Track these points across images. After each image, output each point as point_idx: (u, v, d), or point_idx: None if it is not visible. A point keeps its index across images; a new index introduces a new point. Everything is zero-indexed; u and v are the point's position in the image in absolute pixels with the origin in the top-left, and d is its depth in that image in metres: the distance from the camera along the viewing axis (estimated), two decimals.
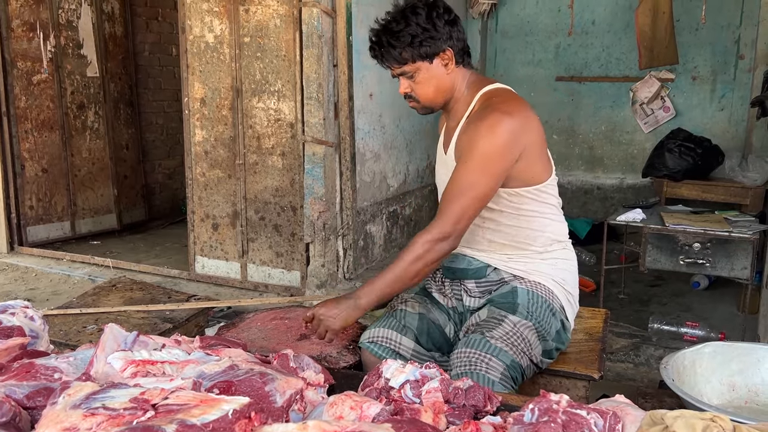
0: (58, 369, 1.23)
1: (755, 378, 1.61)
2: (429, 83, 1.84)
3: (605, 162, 5.69)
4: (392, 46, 1.79)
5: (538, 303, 1.83)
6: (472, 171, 1.74)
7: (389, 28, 1.80)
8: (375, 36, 1.83)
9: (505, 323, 1.76)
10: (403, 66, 1.82)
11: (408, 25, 1.77)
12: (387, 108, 4.45)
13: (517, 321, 1.77)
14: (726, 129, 5.17)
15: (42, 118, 5.01)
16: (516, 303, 1.82)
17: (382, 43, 1.81)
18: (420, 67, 1.81)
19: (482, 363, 1.65)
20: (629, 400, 1.22)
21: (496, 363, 1.66)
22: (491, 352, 1.67)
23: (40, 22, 4.90)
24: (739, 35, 5.03)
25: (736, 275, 3.37)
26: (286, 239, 4.00)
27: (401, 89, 1.87)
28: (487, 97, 1.85)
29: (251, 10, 3.83)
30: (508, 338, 1.72)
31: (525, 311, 1.80)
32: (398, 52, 1.79)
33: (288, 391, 1.16)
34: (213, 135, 4.08)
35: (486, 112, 1.78)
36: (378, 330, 1.88)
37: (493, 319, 1.78)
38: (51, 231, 5.15)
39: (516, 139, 1.75)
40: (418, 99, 1.88)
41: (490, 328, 1.74)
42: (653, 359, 3.12)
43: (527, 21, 5.73)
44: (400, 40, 1.78)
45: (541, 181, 1.86)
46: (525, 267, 1.88)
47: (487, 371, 1.64)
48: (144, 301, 2.73)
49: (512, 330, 1.74)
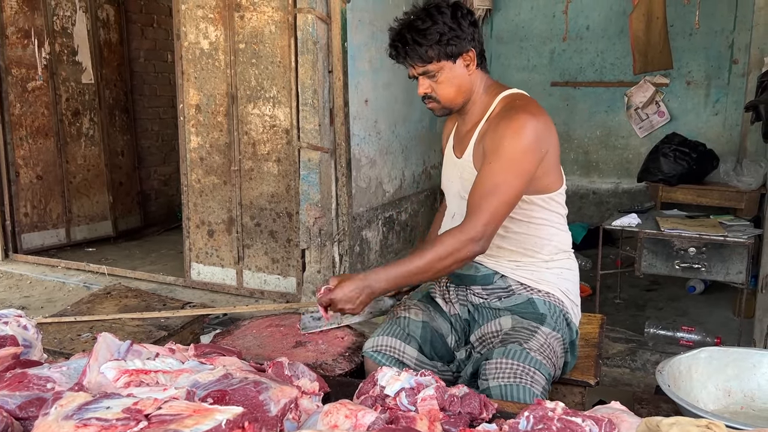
0: (50, 379, 1.22)
1: (751, 383, 1.61)
2: (451, 83, 1.81)
3: (600, 167, 5.70)
4: (418, 44, 1.74)
5: (557, 314, 1.83)
6: (500, 172, 1.71)
7: (415, 25, 1.75)
8: (398, 34, 1.78)
9: (538, 334, 1.74)
10: (427, 65, 1.77)
11: (435, 23, 1.74)
12: (382, 114, 4.45)
13: (548, 332, 1.76)
14: (720, 133, 5.19)
15: (37, 125, 5.00)
16: (541, 313, 1.81)
17: (406, 40, 1.75)
18: (444, 66, 1.78)
19: (527, 376, 1.62)
20: (625, 407, 1.22)
21: (539, 376, 1.64)
22: (534, 365, 1.64)
23: (35, 29, 4.90)
24: (733, 40, 5.06)
25: (731, 279, 3.38)
26: (282, 245, 4.00)
27: (421, 90, 1.83)
28: (510, 100, 1.84)
29: (246, 17, 3.83)
30: (543, 350, 1.70)
31: (553, 322, 1.79)
32: (424, 50, 1.75)
33: (282, 399, 1.15)
34: (208, 141, 4.07)
35: (511, 113, 1.76)
36: (382, 338, 1.86)
37: (525, 330, 1.75)
38: (46, 238, 5.13)
39: (541, 141, 1.74)
40: (438, 99, 1.84)
41: (526, 339, 1.71)
42: (649, 364, 3.12)
43: (522, 26, 5.76)
44: (428, 38, 1.74)
45: (554, 190, 1.86)
46: (532, 275, 1.86)
47: (532, 385, 1.61)
48: (139, 308, 2.72)
49: (545, 342, 1.73)
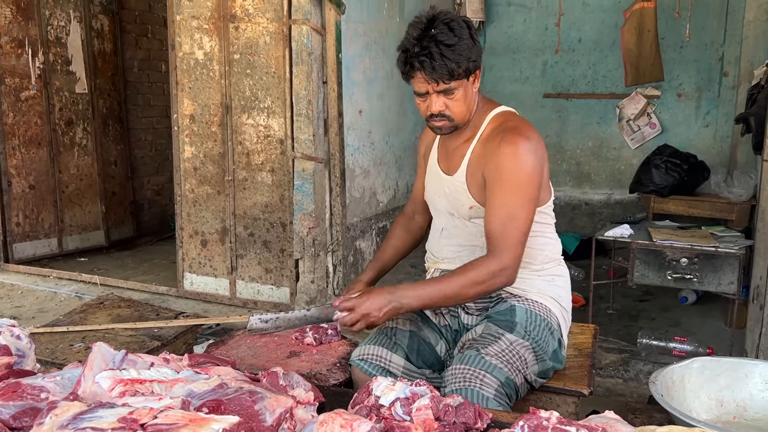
0: (44, 388, 1.22)
1: (743, 393, 1.62)
2: (465, 101, 1.79)
3: (593, 178, 5.73)
4: (448, 59, 1.69)
5: (537, 322, 1.84)
6: (513, 201, 1.74)
7: (441, 40, 1.69)
8: (424, 48, 1.69)
9: (501, 341, 1.75)
10: (451, 82, 1.73)
11: (461, 38, 1.70)
12: (376, 124, 4.47)
13: (514, 339, 1.77)
14: (711, 145, 5.24)
15: (30, 134, 4.98)
16: (514, 321, 1.82)
17: (433, 55, 1.68)
18: (462, 84, 1.75)
19: (476, 379, 1.64)
20: (619, 416, 1.22)
21: (491, 379, 1.65)
22: (486, 369, 1.66)
23: (29, 39, 4.90)
24: (723, 53, 5.12)
25: (723, 290, 3.40)
26: (276, 255, 3.99)
27: (435, 108, 1.77)
28: (501, 121, 1.85)
29: (241, 28, 3.85)
30: (503, 355, 1.71)
31: (523, 330, 1.80)
32: (455, 65, 1.70)
33: (278, 409, 1.16)
34: (202, 151, 4.08)
35: (508, 137, 1.77)
36: (368, 347, 1.87)
37: (489, 336, 1.77)
38: (38, 248, 5.11)
39: (541, 163, 1.78)
40: (452, 117, 1.80)
41: (486, 344, 1.73)
42: (642, 374, 3.13)
43: (515, 38, 5.80)
44: (459, 54, 1.70)
45: (544, 203, 1.89)
46: (523, 285, 1.88)
47: (481, 387, 1.63)
48: (132, 318, 2.70)
49: (508, 348, 1.74)
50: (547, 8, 5.62)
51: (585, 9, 5.53)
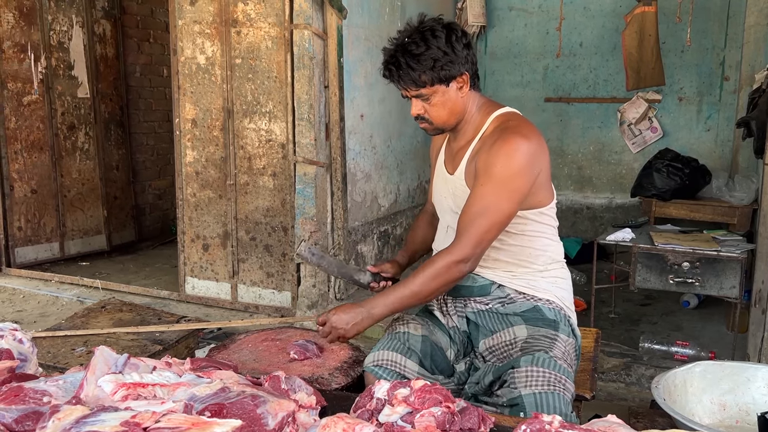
0: (47, 392, 1.22)
1: (746, 397, 1.62)
2: (444, 106, 1.81)
3: (594, 182, 5.73)
4: (412, 68, 1.73)
5: (564, 320, 1.86)
6: (490, 194, 1.73)
7: (409, 49, 1.73)
8: (392, 57, 1.77)
9: (558, 342, 1.76)
10: (420, 89, 1.77)
11: (429, 47, 1.72)
12: (378, 128, 4.48)
13: (565, 339, 1.79)
14: (712, 149, 5.24)
15: (32, 138, 5.00)
16: (552, 320, 1.83)
17: (400, 64, 1.74)
18: (437, 90, 1.78)
19: (559, 384, 1.63)
20: (621, 421, 1.22)
21: (570, 384, 1.66)
22: (563, 373, 1.66)
23: (32, 44, 4.92)
24: (724, 57, 5.12)
25: (725, 294, 3.40)
26: (277, 259, 3.99)
27: (414, 111, 1.83)
28: (502, 120, 1.85)
29: (243, 32, 3.86)
30: (566, 358, 1.73)
31: (566, 328, 1.83)
32: (417, 75, 1.74)
33: (280, 413, 1.15)
34: (204, 155, 4.08)
35: (505, 135, 1.77)
36: (383, 353, 1.85)
37: (544, 338, 1.77)
38: (39, 252, 5.11)
39: (534, 163, 1.76)
40: (431, 121, 1.84)
41: (548, 347, 1.73)
42: (644, 378, 3.13)
43: (516, 43, 5.81)
44: (422, 63, 1.73)
45: (545, 205, 1.89)
46: (528, 283, 1.89)
47: (564, 392, 1.63)
48: (134, 322, 2.70)
49: (565, 349, 1.76)
50: (548, 13, 5.63)
51: (586, 13, 5.54)
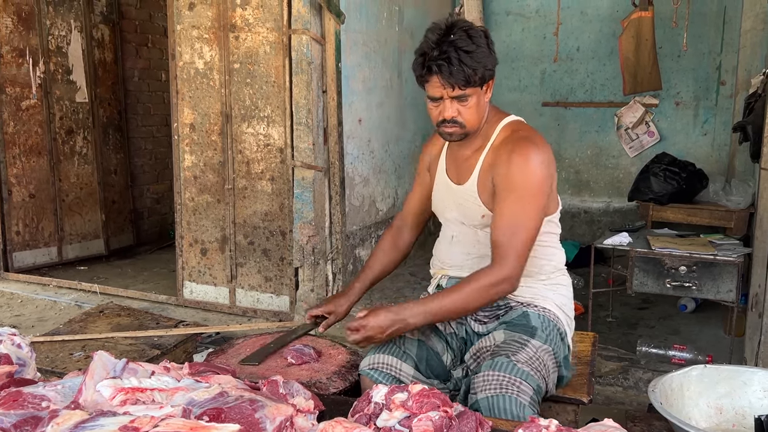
0: (45, 397, 1.22)
1: (742, 401, 1.62)
2: (477, 109, 1.81)
3: (592, 186, 5.75)
4: (467, 65, 1.70)
5: (550, 328, 1.85)
6: (520, 209, 1.75)
7: (460, 45, 1.70)
8: (443, 53, 1.70)
9: (528, 347, 1.76)
10: (466, 89, 1.74)
11: (478, 46, 1.72)
12: (376, 133, 4.49)
13: (539, 346, 1.78)
14: (709, 153, 5.26)
15: (30, 143, 5.00)
16: (533, 326, 1.83)
17: (451, 60, 1.69)
18: (476, 92, 1.78)
19: (513, 386, 1.64)
20: (618, 425, 1.23)
21: (526, 387, 1.65)
22: (520, 376, 1.66)
23: (30, 48, 4.92)
24: (720, 62, 5.14)
25: (722, 298, 3.40)
26: (275, 264, 4.00)
27: (448, 113, 1.78)
28: (512, 129, 1.87)
29: (241, 37, 3.87)
30: (532, 362, 1.72)
31: (544, 335, 1.82)
32: (472, 71, 1.71)
33: (278, 417, 1.16)
34: (202, 160, 4.09)
35: (520, 146, 1.79)
36: (378, 356, 1.85)
37: (515, 343, 1.77)
38: (37, 256, 5.11)
39: (550, 172, 1.80)
40: (464, 124, 1.81)
41: (515, 351, 1.73)
42: (642, 382, 3.13)
43: (513, 47, 5.83)
44: (476, 61, 1.71)
45: (551, 213, 1.90)
46: (531, 293, 1.89)
47: (518, 395, 1.63)
48: (132, 327, 2.71)
49: (535, 354, 1.75)
50: (545, 17, 5.65)
51: (583, 18, 5.56)
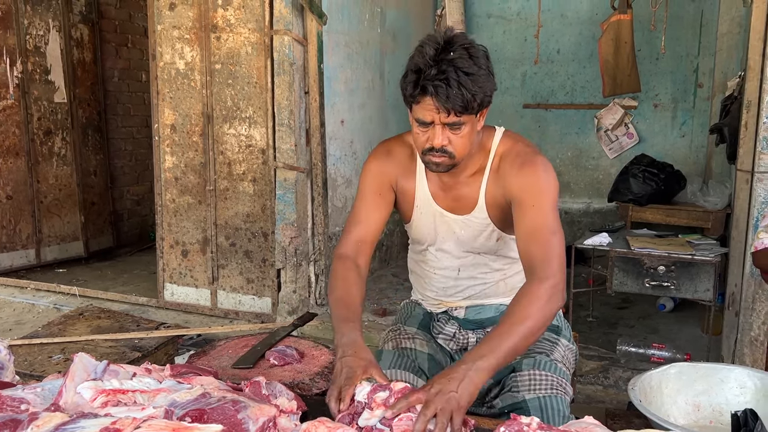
0: (24, 400, 1.21)
1: (719, 398, 1.65)
2: (469, 138, 1.58)
3: (572, 187, 5.80)
4: (466, 88, 1.46)
5: (567, 327, 1.88)
6: (549, 216, 1.59)
7: (460, 66, 1.46)
8: (441, 72, 1.46)
9: (559, 346, 1.77)
10: (461, 116, 1.50)
11: (479, 68, 1.48)
12: (358, 134, 4.49)
13: (566, 344, 1.79)
14: (687, 155, 5.34)
15: (7, 144, 4.93)
16: (556, 325, 1.83)
17: (450, 82, 1.45)
18: (471, 119, 1.54)
19: (561, 387, 1.60)
20: (598, 422, 1.24)
21: (569, 388, 1.65)
22: (563, 376, 1.65)
23: (7, 48, 4.85)
24: (698, 65, 5.23)
25: (699, 297, 3.46)
26: (257, 265, 3.98)
27: (438, 141, 1.54)
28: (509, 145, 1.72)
29: (222, 38, 3.86)
30: (565, 361, 1.73)
31: (567, 334, 1.84)
32: (471, 97, 1.47)
33: (261, 418, 1.16)
34: (183, 161, 4.06)
35: (528, 158, 1.67)
36: (395, 372, 1.71)
37: (546, 341, 1.76)
38: (15, 259, 5.04)
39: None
40: (454, 154, 1.58)
41: (549, 350, 1.73)
42: (622, 381, 3.17)
43: (494, 50, 5.86)
44: (477, 86, 1.48)
45: None
46: None
47: (565, 396, 1.61)
48: (112, 329, 2.68)
49: (564, 353, 1.76)
50: (526, 20, 5.70)
51: (563, 21, 5.61)
